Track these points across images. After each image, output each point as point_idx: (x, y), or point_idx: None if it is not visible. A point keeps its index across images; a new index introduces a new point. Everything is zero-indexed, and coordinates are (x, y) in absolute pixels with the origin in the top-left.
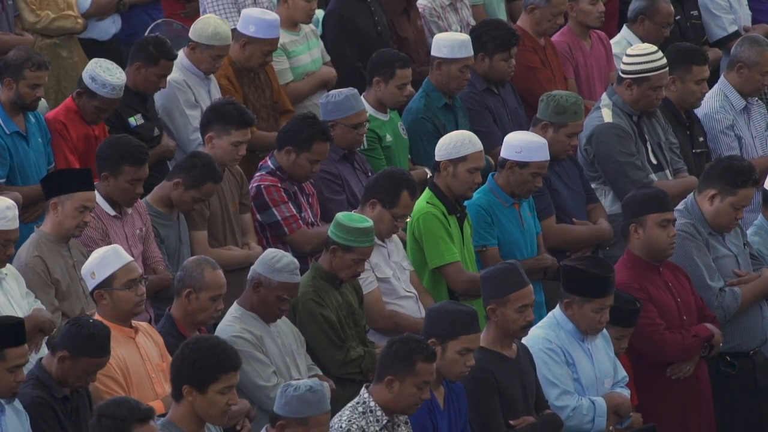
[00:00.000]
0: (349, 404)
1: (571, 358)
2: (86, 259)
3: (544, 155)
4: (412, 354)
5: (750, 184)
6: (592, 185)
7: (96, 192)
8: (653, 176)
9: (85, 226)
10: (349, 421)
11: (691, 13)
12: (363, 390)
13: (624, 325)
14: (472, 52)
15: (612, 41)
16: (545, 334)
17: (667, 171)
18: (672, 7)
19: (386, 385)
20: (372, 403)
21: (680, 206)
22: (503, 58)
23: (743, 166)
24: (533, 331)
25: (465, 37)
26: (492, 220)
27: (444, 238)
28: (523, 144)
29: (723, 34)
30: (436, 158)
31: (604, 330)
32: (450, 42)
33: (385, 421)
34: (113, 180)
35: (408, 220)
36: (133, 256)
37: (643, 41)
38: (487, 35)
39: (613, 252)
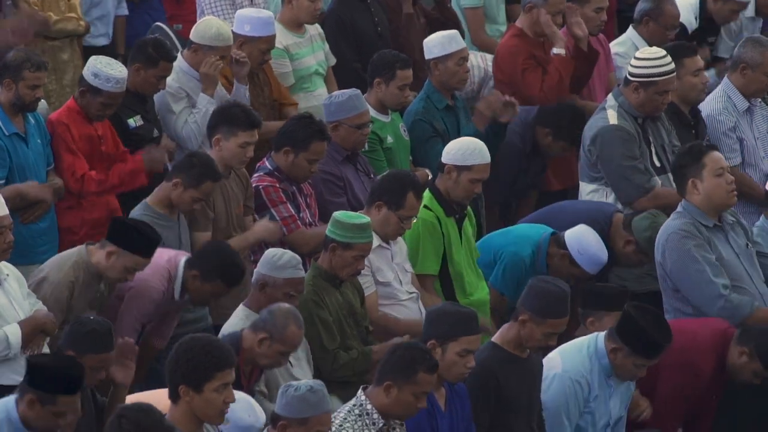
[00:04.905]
0: (346, 406)
1: (594, 391)
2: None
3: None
4: (414, 363)
5: (708, 149)
6: (594, 186)
7: None
8: (656, 179)
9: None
10: (345, 423)
11: None
12: (360, 392)
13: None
14: (464, 44)
15: (616, 41)
16: (582, 364)
17: (670, 174)
18: (678, 10)
19: (384, 390)
20: (369, 406)
21: (678, 209)
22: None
23: (690, 144)
24: (573, 351)
25: (452, 31)
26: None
27: (428, 250)
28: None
29: None
30: (442, 160)
31: None
32: (439, 40)
33: (381, 425)
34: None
35: (414, 221)
36: None
37: (648, 43)
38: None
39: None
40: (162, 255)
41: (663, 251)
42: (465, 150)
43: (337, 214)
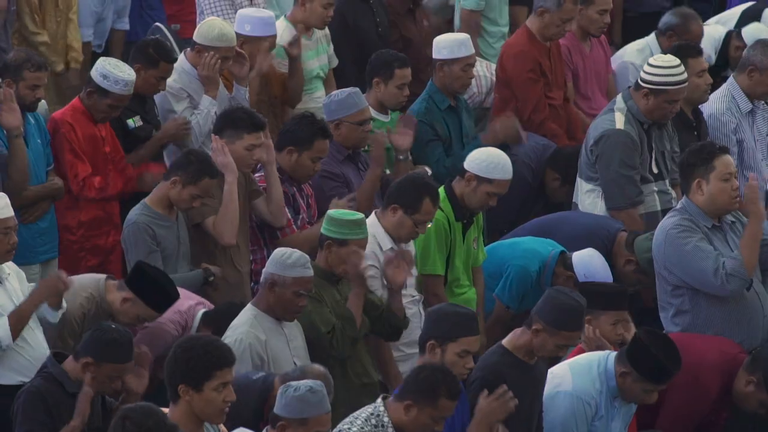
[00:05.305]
0: (364, 413)
1: (601, 411)
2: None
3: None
4: (438, 388)
5: (720, 152)
6: (590, 186)
7: None
8: (654, 187)
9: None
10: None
11: None
12: (380, 401)
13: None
14: (472, 51)
15: (635, 47)
16: (592, 384)
17: (666, 180)
18: (703, 30)
19: (404, 408)
20: (386, 419)
21: (678, 206)
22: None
23: (703, 143)
24: (583, 369)
25: (464, 36)
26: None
27: (435, 250)
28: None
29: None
30: (465, 166)
31: None
32: (449, 42)
33: None
34: None
35: (429, 226)
36: None
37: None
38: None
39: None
40: (183, 301)
41: (661, 246)
42: (490, 163)
43: (332, 212)
